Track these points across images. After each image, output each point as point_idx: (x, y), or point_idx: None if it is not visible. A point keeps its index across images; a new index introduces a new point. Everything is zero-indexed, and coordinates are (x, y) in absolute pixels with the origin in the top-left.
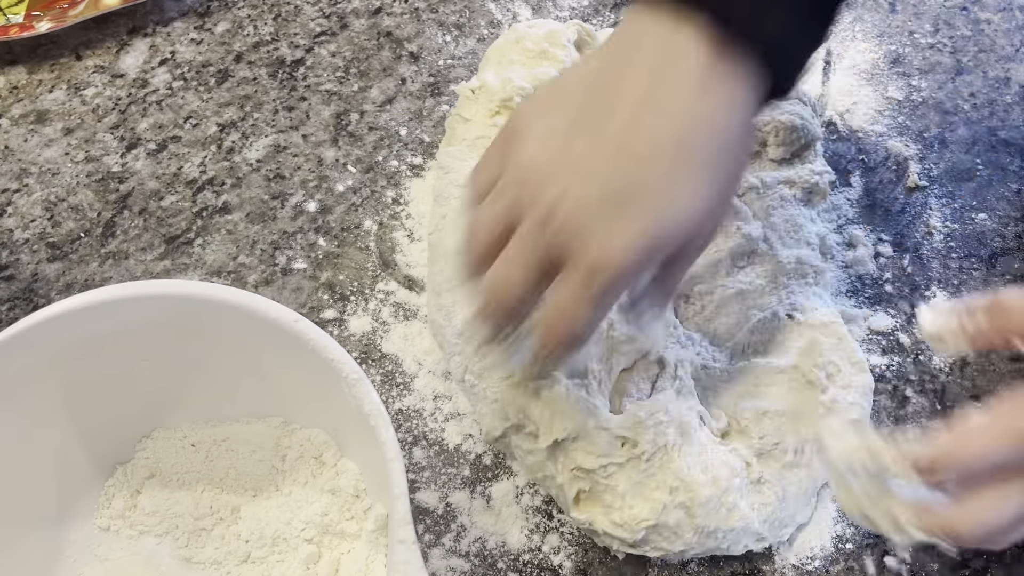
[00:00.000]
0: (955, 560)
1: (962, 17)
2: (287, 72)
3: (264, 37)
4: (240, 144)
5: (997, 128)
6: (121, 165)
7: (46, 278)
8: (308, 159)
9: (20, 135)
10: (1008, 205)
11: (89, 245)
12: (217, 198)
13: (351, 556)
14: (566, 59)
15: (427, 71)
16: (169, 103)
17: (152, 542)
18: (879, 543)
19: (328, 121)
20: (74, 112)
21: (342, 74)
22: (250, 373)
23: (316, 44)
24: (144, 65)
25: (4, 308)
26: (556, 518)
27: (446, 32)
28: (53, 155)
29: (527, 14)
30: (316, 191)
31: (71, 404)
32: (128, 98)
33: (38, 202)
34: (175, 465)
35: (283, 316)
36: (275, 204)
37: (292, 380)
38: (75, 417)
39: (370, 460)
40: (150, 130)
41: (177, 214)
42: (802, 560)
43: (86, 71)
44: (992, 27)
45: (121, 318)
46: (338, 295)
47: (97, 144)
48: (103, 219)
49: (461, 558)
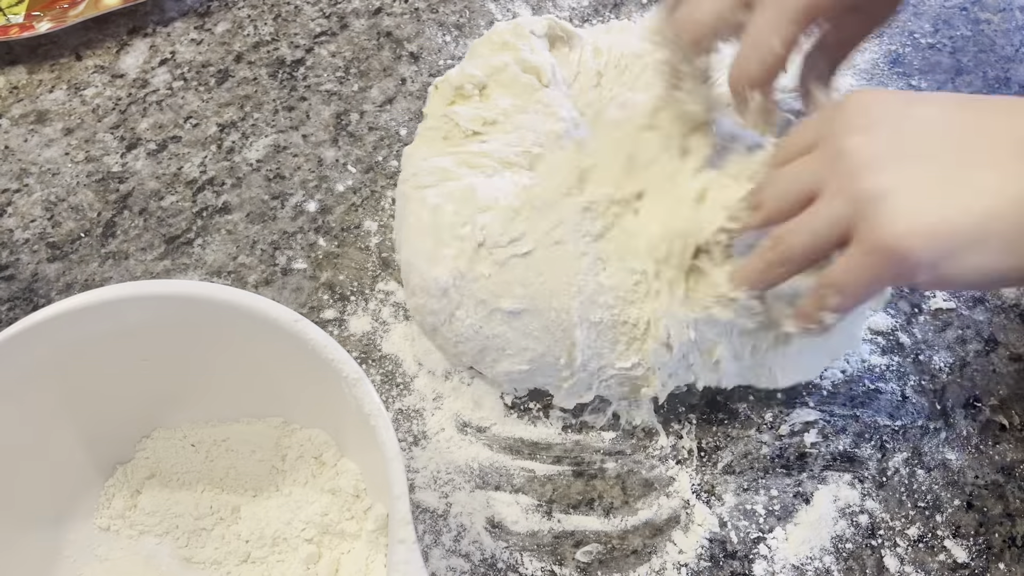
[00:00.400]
0: (955, 561)
1: (962, 17)
2: (287, 72)
3: (264, 37)
4: (240, 144)
5: None
6: (121, 165)
7: (46, 278)
8: (308, 159)
9: (20, 135)
10: None
11: (89, 245)
12: (217, 198)
13: (351, 556)
14: (524, 48)
15: (427, 71)
16: (169, 103)
17: (152, 542)
18: (879, 542)
19: (328, 121)
20: (74, 112)
21: (342, 74)
22: (250, 373)
23: (316, 44)
24: (144, 65)
25: (4, 308)
26: (555, 516)
27: (446, 32)
28: (53, 155)
29: (527, 14)
30: (316, 191)
31: (71, 404)
32: (128, 98)
33: (38, 202)
34: (175, 465)
35: (283, 316)
36: (275, 204)
37: (292, 380)
38: (75, 417)
39: (370, 460)
40: (150, 130)
41: (177, 214)
42: (802, 560)
43: (86, 71)
44: (992, 27)
45: (121, 318)
46: (338, 295)
47: (97, 144)
48: (103, 219)
49: (461, 558)
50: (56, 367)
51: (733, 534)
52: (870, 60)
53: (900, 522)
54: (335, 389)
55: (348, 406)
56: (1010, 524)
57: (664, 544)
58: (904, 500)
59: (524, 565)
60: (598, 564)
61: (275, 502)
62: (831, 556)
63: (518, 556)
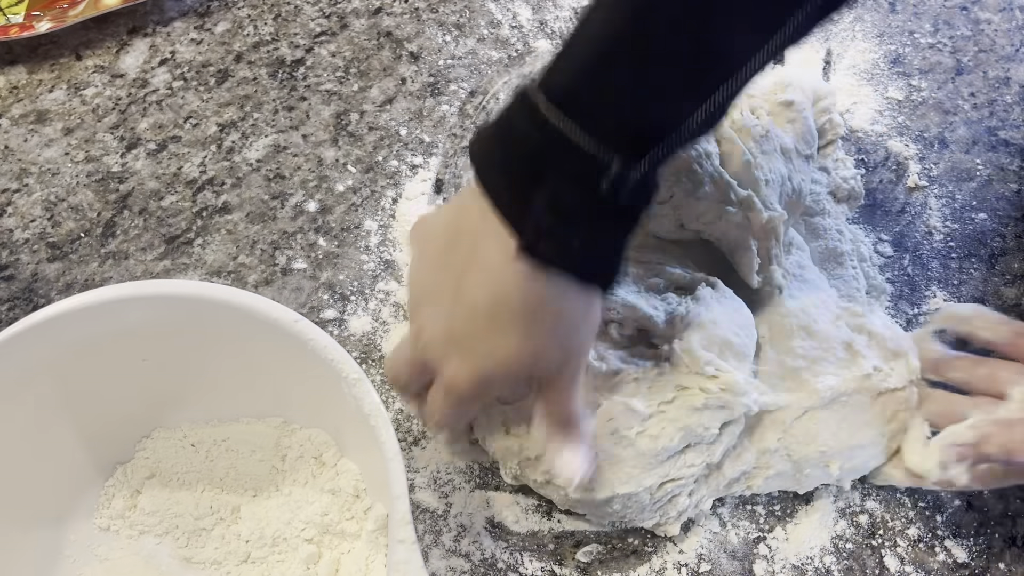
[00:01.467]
0: (955, 561)
1: (962, 17)
2: (287, 72)
3: (264, 37)
4: (240, 144)
5: (997, 128)
6: (121, 165)
7: (46, 278)
8: (308, 159)
9: (20, 135)
10: (1008, 205)
11: (89, 245)
12: (217, 198)
13: (351, 556)
14: None
15: (427, 71)
16: (169, 103)
17: (152, 542)
18: (879, 542)
19: (328, 121)
20: (74, 112)
21: (342, 74)
22: (250, 373)
23: (316, 44)
24: (144, 65)
25: (4, 308)
26: (555, 516)
27: (446, 32)
28: (53, 155)
29: (527, 14)
30: (316, 191)
31: (71, 404)
32: (128, 98)
33: (38, 202)
34: (175, 465)
35: (283, 317)
36: (275, 204)
37: (292, 380)
38: (75, 417)
39: (370, 460)
40: (150, 130)
41: (177, 214)
42: (802, 560)
43: (86, 71)
44: (992, 27)
45: (122, 318)
46: (338, 295)
47: (97, 144)
48: (103, 219)
49: (461, 558)
50: (56, 367)
51: (733, 534)
52: (870, 60)
53: (900, 522)
54: (335, 389)
55: (348, 406)
56: (1010, 524)
57: (664, 544)
58: (904, 500)
59: (524, 565)
60: (598, 564)
61: (275, 502)
62: (831, 556)
63: (518, 556)
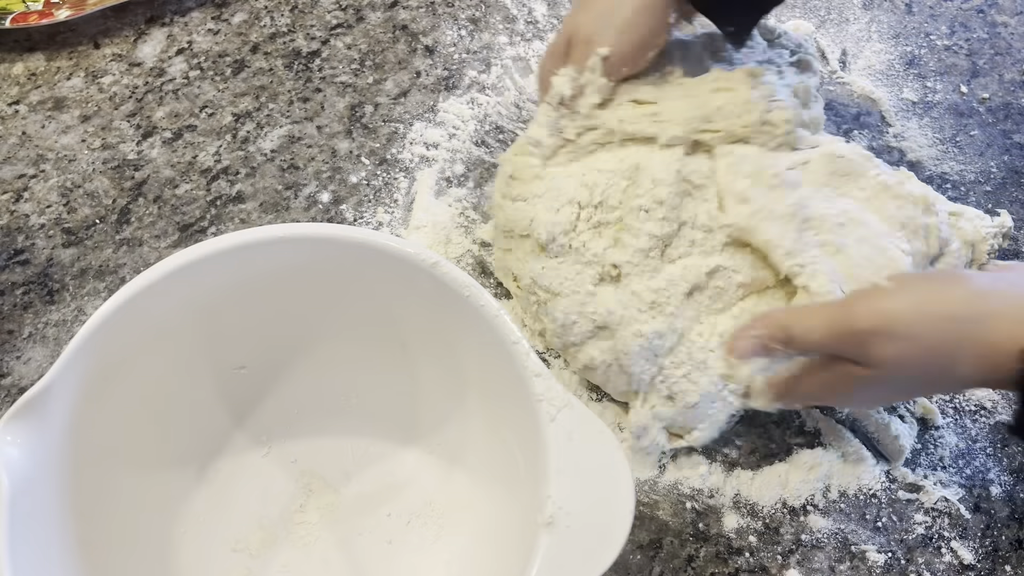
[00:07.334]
0: (962, 562)
1: (979, 20)
2: (303, 63)
3: (281, 28)
4: (255, 134)
5: (1012, 131)
6: (137, 153)
7: (61, 263)
8: (322, 150)
9: (37, 121)
10: (1022, 208)
11: (104, 231)
12: (231, 187)
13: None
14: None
15: (442, 65)
16: (185, 92)
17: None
18: (880, 543)
19: (343, 113)
20: (91, 100)
21: (357, 66)
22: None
23: (332, 36)
24: (161, 54)
25: (19, 292)
26: None
27: (461, 27)
28: (70, 142)
29: (543, 9)
30: (329, 182)
31: (213, 347)
32: (145, 87)
33: (54, 188)
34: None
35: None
36: (288, 194)
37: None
38: (214, 362)
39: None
40: (166, 119)
41: (191, 202)
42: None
43: (104, 59)
44: (1008, 30)
45: (274, 258)
46: None
47: (113, 132)
48: (118, 206)
49: None
50: (206, 307)
51: (735, 534)
52: (886, 61)
53: (907, 523)
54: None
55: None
56: (1017, 527)
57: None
58: (911, 502)
59: None
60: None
61: None
62: (835, 555)
63: None
